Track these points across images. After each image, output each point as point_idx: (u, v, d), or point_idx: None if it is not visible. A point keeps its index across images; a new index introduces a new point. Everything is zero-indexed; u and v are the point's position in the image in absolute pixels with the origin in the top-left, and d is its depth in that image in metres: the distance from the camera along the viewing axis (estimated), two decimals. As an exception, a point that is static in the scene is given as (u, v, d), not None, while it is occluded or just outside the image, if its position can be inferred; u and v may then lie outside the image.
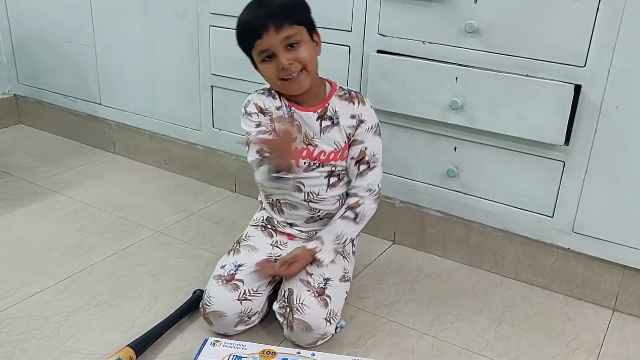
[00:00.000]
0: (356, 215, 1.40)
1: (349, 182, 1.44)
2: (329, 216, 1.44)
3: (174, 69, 2.05)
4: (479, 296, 1.56)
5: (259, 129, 1.35)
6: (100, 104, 2.31)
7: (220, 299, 1.32)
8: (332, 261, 1.38)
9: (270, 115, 1.36)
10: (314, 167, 1.39)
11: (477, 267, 1.68)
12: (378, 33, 1.59)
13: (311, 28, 1.33)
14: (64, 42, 2.31)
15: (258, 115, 1.37)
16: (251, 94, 1.42)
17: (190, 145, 2.13)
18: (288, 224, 1.47)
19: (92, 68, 2.27)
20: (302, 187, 1.41)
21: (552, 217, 1.52)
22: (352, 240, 1.47)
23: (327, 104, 1.38)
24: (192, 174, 2.17)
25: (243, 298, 1.33)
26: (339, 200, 1.44)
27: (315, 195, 1.41)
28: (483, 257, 1.66)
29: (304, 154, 1.38)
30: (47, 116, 2.53)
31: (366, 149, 1.40)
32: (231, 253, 1.43)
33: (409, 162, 1.67)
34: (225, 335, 1.35)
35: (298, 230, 1.46)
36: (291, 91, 1.34)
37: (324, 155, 1.38)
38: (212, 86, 1.97)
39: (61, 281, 1.56)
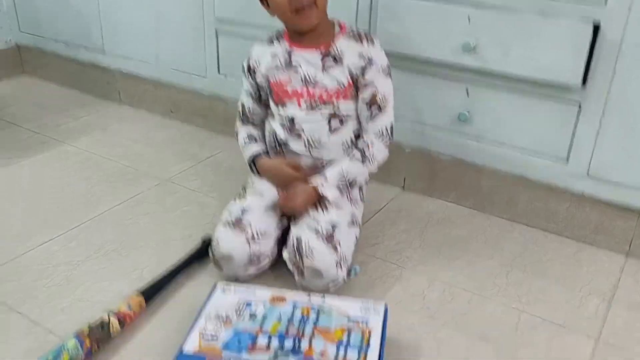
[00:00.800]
0: (363, 156, 1.37)
1: (354, 129, 1.40)
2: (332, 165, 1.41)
3: (178, 14, 1.99)
4: (491, 242, 1.55)
5: (248, 90, 1.47)
6: (104, 52, 2.26)
7: (228, 242, 1.32)
8: (339, 207, 1.36)
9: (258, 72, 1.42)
10: (315, 107, 1.36)
11: (489, 213, 1.66)
12: (388, -29, 1.52)
13: None
14: (64, -12, 2.25)
15: (247, 74, 1.45)
16: (255, 43, 1.46)
17: (196, 93, 2.09)
18: None
19: (95, 15, 2.21)
20: (301, 133, 1.38)
21: (566, 161, 1.48)
22: (361, 187, 1.45)
23: (332, 44, 1.35)
24: (198, 122, 2.13)
25: (251, 241, 1.32)
26: (342, 146, 1.40)
27: (316, 142, 1.38)
28: (495, 202, 1.64)
29: (304, 95, 1.36)
30: (50, 66, 2.48)
31: (377, 91, 1.36)
32: (237, 199, 1.41)
33: (420, 106, 1.62)
34: (236, 280, 1.35)
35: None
36: (300, 25, 1.32)
37: (326, 94, 1.35)
38: (216, 31, 1.92)
39: (69, 230, 1.56)
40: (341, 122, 1.38)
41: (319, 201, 1.36)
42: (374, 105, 1.37)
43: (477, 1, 1.42)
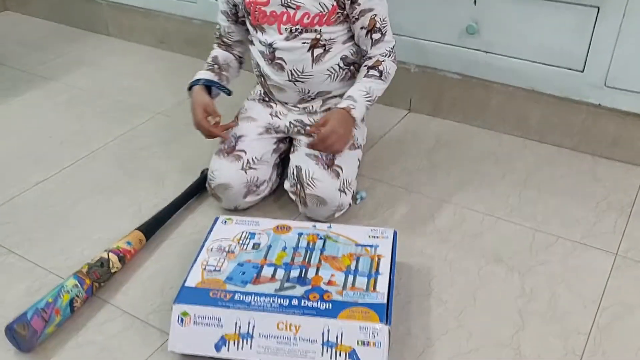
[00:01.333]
0: (380, 72, 1.27)
1: (342, 55, 1.29)
2: (322, 95, 1.32)
3: None
4: (502, 161, 1.48)
5: (223, 8, 1.34)
6: (87, -19, 2.14)
7: (223, 171, 1.27)
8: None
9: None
10: (296, 33, 1.24)
11: (499, 132, 1.58)
12: None
13: None
14: None
15: (227, 16, 1.34)
16: None
17: (187, 20, 1.98)
18: (279, 104, 1.37)
19: (73, -59, 2.08)
20: (283, 64, 1.27)
21: (582, 71, 1.39)
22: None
23: None
24: (190, 52, 2.03)
25: (247, 167, 1.27)
26: (329, 75, 1.29)
27: (300, 74, 1.28)
28: (505, 120, 1.56)
29: (284, 19, 1.24)
30: (34, 0, 2.36)
31: (375, 15, 1.24)
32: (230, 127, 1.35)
33: (423, 20, 1.52)
34: (235, 211, 1.30)
35: (294, 107, 1.35)
36: None
37: (308, 18, 1.23)
38: (203, -50, 1.79)
39: (64, 169, 1.50)
40: (324, 49, 1.26)
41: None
42: (374, 30, 1.25)
43: None
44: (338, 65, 1.29)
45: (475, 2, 1.43)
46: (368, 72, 1.28)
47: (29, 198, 1.40)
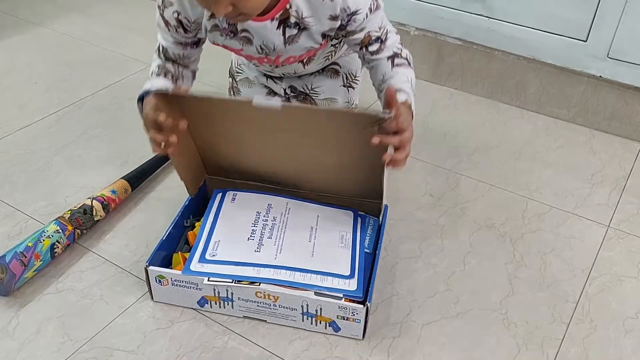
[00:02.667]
0: (405, 57, 1.04)
1: (332, 43, 1.12)
2: (317, 70, 1.22)
3: None
4: (498, 130, 1.46)
5: (174, 40, 1.03)
6: None
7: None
8: (334, 99, 1.22)
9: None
10: (283, 66, 1.10)
11: (497, 100, 1.55)
12: None
13: None
14: None
15: (173, 29, 1.01)
16: None
17: (182, -28, 1.91)
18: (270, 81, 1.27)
19: None
20: (273, 74, 1.21)
21: (585, 40, 1.36)
22: (355, 72, 1.26)
23: (287, 6, 0.95)
24: (185, 5, 1.97)
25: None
26: (327, 57, 1.17)
27: (293, 75, 1.20)
28: (504, 88, 1.53)
29: (265, 61, 1.07)
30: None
31: (370, 32, 1.00)
32: (231, 91, 1.31)
33: (427, -19, 1.48)
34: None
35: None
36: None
37: (295, 58, 1.06)
38: None
39: (49, 115, 1.45)
40: (314, 54, 1.11)
41: None
42: (371, 43, 1.01)
43: None
44: (330, 53, 1.16)
45: (481, -36, 1.40)
46: (394, 61, 1.02)
47: (11, 142, 1.36)
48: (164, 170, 1.28)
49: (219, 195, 1.08)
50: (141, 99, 0.99)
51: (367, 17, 0.97)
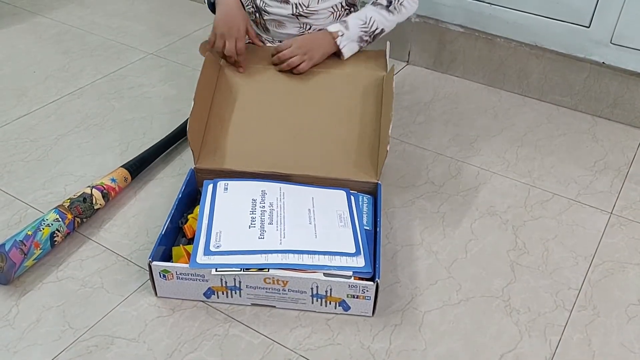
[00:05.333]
0: (390, 2, 1.19)
1: None
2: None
3: None
4: (500, 117, 1.45)
5: None
6: None
7: None
8: None
9: None
10: None
11: (499, 88, 1.54)
12: None
13: None
14: None
15: None
16: None
17: (181, -40, 1.90)
18: (276, 42, 1.31)
19: None
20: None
21: (588, 26, 1.35)
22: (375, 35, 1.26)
23: None
24: (185, -7, 1.97)
25: None
26: (332, 13, 1.24)
27: (305, 8, 1.22)
28: (506, 76, 1.52)
29: None
30: None
31: None
32: None
33: (428, -33, 1.47)
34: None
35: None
36: None
37: None
38: None
39: (48, 104, 1.45)
40: None
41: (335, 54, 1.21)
42: None
43: None
44: (340, 4, 1.24)
45: (482, -51, 1.38)
46: (376, 0, 1.20)
47: (9, 131, 1.35)
48: (164, 158, 1.27)
49: (210, 187, 1.07)
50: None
51: None
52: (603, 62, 1.37)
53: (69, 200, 1.09)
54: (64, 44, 1.71)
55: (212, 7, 1.20)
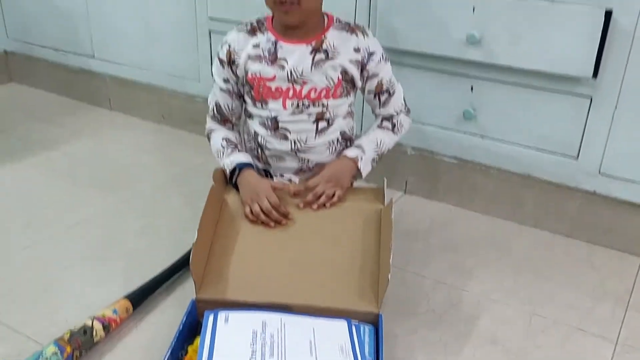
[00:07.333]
0: (394, 125, 1.33)
1: (340, 130, 1.31)
2: (319, 167, 1.32)
3: (169, 15, 1.93)
4: (497, 245, 1.47)
5: (225, 86, 1.31)
6: (93, 57, 2.20)
7: None
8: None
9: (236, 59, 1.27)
10: (302, 107, 1.26)
11: (495, 216, 1.58)
12: (388, -37, 1.47)
13: None
14: (54, -8, 2.20)
15: (225, 66, 1.29)
16: (232, 30, 1.29)
17: (189, 98, 2.02)
18: (278, 174, 1.36)
19: (83, 18, 2.15)
20: (287, 134, 1.28)
21: (576, 158, 1.41)
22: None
23: (323, 37, 1.24)
24: (191, 128, 2.06)
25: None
26: (329, 147, 1.31)
27: (303, 144, 1.29)
28: (501, 204, 1.57)
29: (289, 94, 1.25)
30: (39, 73, 2.42)
31: (382, 79, 1.29)
32: None
33: (422, 104, 1.56)
34: None
35: (289, 178, 1.35)
36: (281, 19, 1.22)
37: (315, 93, 1.25)
38: (210, 31, 1.86)
39: (54, 235, 1.47)
40: (328, 122, 1.29)
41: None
42: (382, 92, 1.30)
43: (482, -10, 1.37)
44: (337, 139, 1.31)
45: (472, 88, 1.48)
46: (382, 123, 1.33)
47: (14, 262, 1.37)
48: (166, 288, 1.28)
49: (211, 317, 1.06)
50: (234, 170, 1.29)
51: (380, 60, 1.26)
52: (594, 191, 1.42)
53: (69, 332, 1.09)
54: (73, 176, 1.77)
55: (236, 186, 1.30)
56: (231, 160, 1.30)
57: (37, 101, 2.36)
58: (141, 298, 1.23)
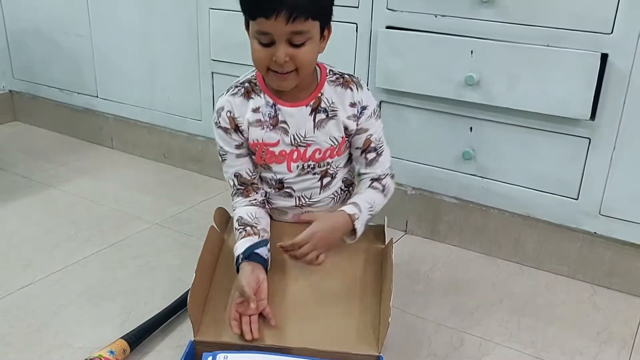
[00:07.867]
0: (383, 186, 1.25)
1: (343, 178, 1.29)
2: (319, 207, 1.29)
3: (172, 57, 1.96)
4: (499, 286, 1.46)
5: (240, 151, 1.22)
6: (97, 96, 2.22)
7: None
8: None
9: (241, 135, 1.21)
10: (308, 169, 1.23)
11: (496, 257, 1.58)
12: (387, 8, 1.50)
13: (325, 23, 1.12)
14: (59, 34, 2.23)
15: (232, 133, 1.20)
16: (222, 94, 1.22)
17: (191, 137, 2.04)
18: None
19: (88, 59, 2.19)
20: (292, 192, 1.26)
21: (576, 199, 1.41)
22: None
23: (320, 94, 1.18)
24: (192, 167, 2.08)
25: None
26: (333, 199, 1.29)
27: (307, 199, 1.27)
28: (502, 245, 1.56)
29: (294, 157, 1.21)
30: (43, 112, 2.44)
31: (371, 135, 1.22)
32: None
33: (422, 145, 1.57)
34: None
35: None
36: (274, 85, 1.16)
37: (319, 154, 1.21)
38: (212, 73, 1.89)
39: (52, 274, 1.47)
40: (332, 177, 1.26)
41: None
42: (369, 150, 1.23)
43: (480, 32, 1.39)
44: (340, 188, 1.29)
45: (471, 129, 1.49)
46: (372, 183, 1.25)
47: (11, 302, 1.36)
48: (164, 329, 1.26)
49: (210, 359, 1.05)
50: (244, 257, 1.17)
51: (372, 116, 1.21)
52: (595, 232, 1.42)
53: (64, 375, 1.07)
54: (73, 215, 1.77)
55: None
56: (236, 247, 1.19)
57: (40, 140, 2.38)
58: (139, 339, 1.21)
